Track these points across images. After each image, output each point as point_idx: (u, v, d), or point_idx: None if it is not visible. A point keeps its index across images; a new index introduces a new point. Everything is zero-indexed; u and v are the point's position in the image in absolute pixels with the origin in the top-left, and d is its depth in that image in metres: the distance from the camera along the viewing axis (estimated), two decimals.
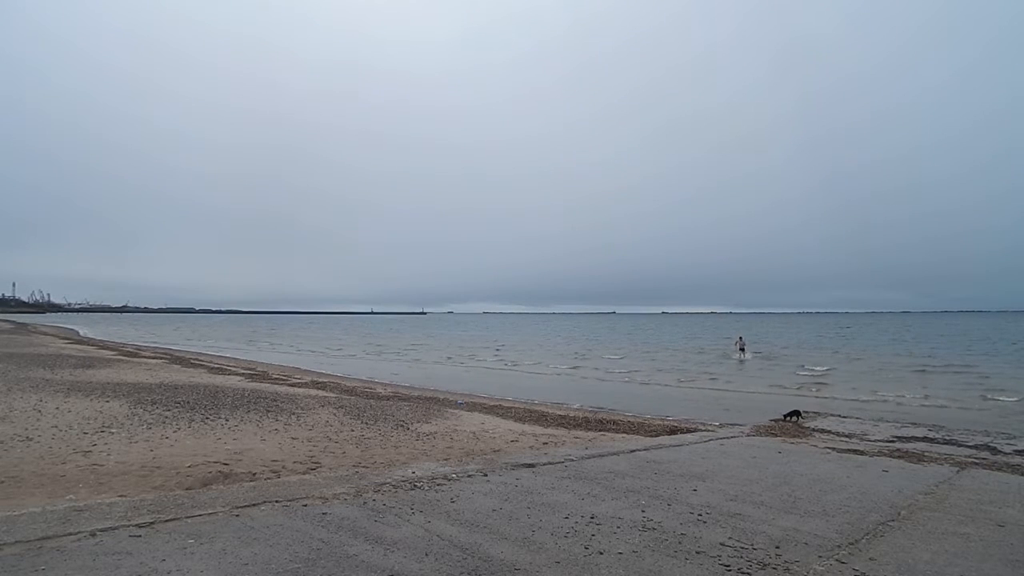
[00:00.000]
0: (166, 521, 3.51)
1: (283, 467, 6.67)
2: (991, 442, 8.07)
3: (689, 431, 9.67)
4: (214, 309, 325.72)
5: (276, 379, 18.63)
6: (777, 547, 3.52)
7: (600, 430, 10.75)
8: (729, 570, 3.16)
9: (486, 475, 5.07)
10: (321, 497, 4.19)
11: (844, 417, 10.61)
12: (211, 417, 9.81)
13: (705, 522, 3.96)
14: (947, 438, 8.38)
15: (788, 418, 9.64)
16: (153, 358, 25.56)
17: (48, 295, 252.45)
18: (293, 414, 10.51)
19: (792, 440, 7.67)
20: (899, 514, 4.31)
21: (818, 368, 26.41)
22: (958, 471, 5.97)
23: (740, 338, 33.45)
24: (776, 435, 8.05)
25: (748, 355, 31.42)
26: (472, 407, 13.40)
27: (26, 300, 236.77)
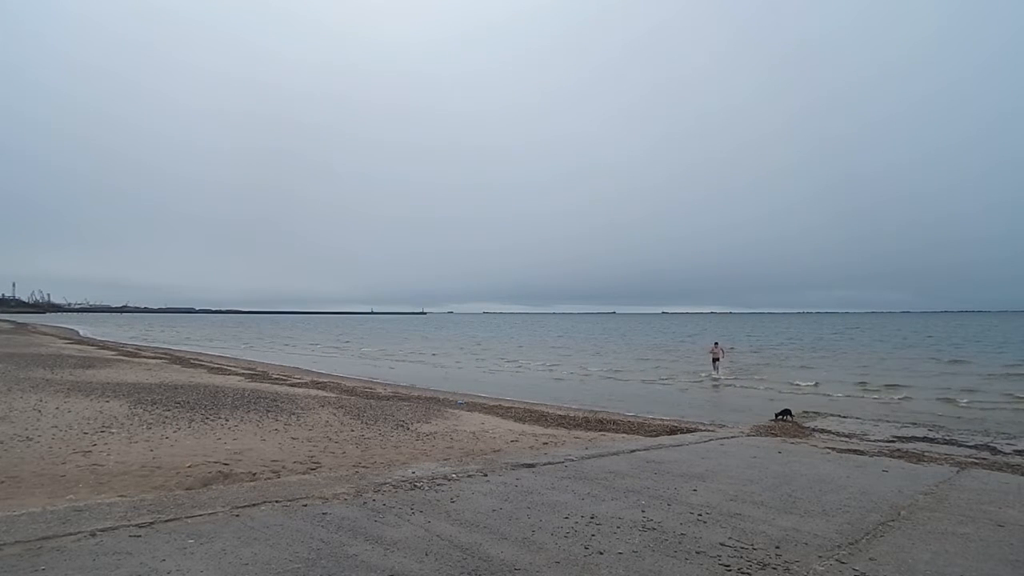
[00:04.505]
0: (166, 521, 3.51)
1: (283, 467, 6.68)
2: (991, 442, 8.06)
3: (689, 431, 9.67)
4: (214, 309, 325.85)
5: (276, 379, 18.64)
6: (777, 547, 3.52)
7: (600, 430, 10.75)
8: (729, 570, 3.16)
9: (486, 475, 5.06)
10: (321, 497, 4.19)
11: (844, 417, 10.61)
12: (211, 417, 9.81)
13: (705, 522, 3.96)
14: (947, 438, 8.37)
15: (780, 417, 9.63)
16: (153, 358, 25.56)
17: (48, 295, 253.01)
18: (293, 414, 10.51)
19: (792, 440, 7.67)
20: (899, 514, 4.31)
21: (807, 382, 22.57)
22: (958, 471, 5.96)
23: (715, 344, 25.73)
24: (776, 435, 8.05)
25: (722, 370, 24.18)
26: (472, 407, 13.40)
27: (26, 300, 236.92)
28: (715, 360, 24.13)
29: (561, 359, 34.47)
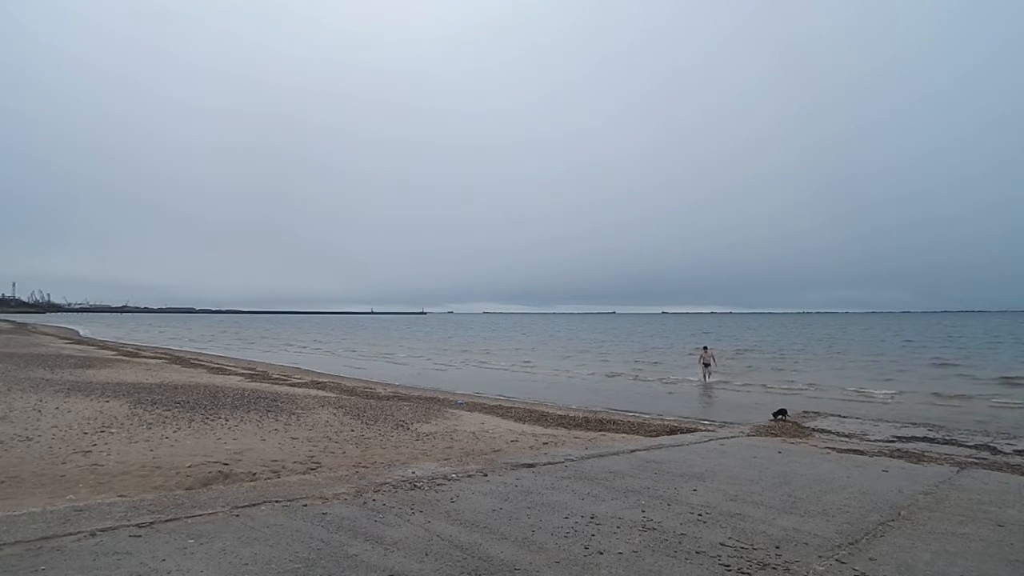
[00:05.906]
0: (166, 521, 3.51)
1: (283, 467, 6.67)
2: (991, 442, 8.07)
3: (689, 431, 9.67)
4: (214, 309, 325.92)
5: (276, 379, 18.64)
6: (777, 547, 3.52)
7: (600, 430, 10.75)
8: (729, 570, 3.16)
9: (486, 475, 5.07)
10: (321, 497, 4.19)
11: (844, 417, 10.61)
12: (211, 417, 9.81)
13: (705, 522, 3.96)
14: (947, 438, 8.37)
15: (777, 417, 9.63)
16: (153, 358, 25.56)
17: (48, 295, 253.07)
18: (293, 414, 10.51)
19: (792, 440, 7.67)
20: (899, 514, 4.31)
21: (806, 382, 22.16)
22: (958, 471, 5.96)
23: (705, 349, 24.50)
24: (776, 435, 8.05)
25: (713, 376, 23.00)
26: (472, 407, 13.40)
27: (26, 300, 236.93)
28: (706, 366, 23.23)
29: (561, 359, 34.47)
